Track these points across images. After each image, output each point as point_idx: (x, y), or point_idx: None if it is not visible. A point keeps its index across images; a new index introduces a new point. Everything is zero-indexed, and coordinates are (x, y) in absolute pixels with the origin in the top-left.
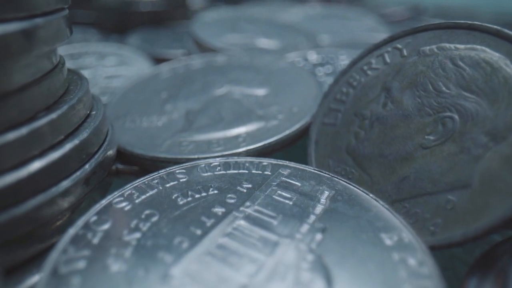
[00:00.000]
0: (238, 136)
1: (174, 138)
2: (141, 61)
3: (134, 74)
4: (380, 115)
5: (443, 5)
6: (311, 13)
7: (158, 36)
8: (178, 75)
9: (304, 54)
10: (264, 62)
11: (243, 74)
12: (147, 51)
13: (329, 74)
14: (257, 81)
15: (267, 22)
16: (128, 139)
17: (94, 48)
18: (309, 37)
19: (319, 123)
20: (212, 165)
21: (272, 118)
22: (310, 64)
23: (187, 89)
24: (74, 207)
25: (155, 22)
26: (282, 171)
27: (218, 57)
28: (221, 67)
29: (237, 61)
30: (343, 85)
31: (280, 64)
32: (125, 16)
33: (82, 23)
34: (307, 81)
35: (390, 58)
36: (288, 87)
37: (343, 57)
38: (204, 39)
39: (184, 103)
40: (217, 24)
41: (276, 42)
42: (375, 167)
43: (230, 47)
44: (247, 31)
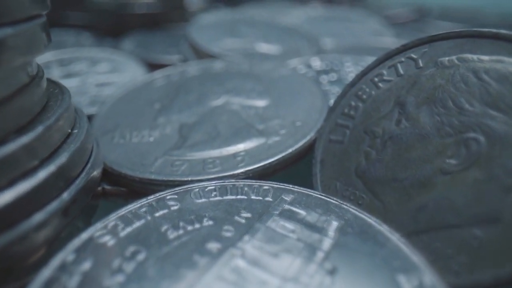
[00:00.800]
0: (236, 155)
1: (166, 156)
2: (135, 68)
3: (127, 81)
4: (393, 133)
5: (447, 6)
6: (313, 14)
7: (154, 40)
8: (172, 83)
9: (307, 60)
10: (265, 70)
11: (242, 83)
12: (141, 56)
13: (333, 82)
14: (257, 91)
15: (267, 25)
16: (116, 157)
17: (85, 53)
18: (311, 42)
19: (325, 140)
20: (207, 190)
21: (273, 134)
22: (314, 71)
23: (181, 100)
24: (51, 241)
25: (151, 24)
26: (285, 197)
27: (216, 64)
28: (219, 75)
29: (236, 69)
30: (352, 98)
31: (282, 72)
32: (119, 19)
33: (75, 25)
34: (311, 91)
35: (404, 69)
36: (290, 98)
37: (348, 64)
38: (201, 44)
39: (178, 116)
40: (215, 28)
41: (277, 47)
42: (389, 193)
43: (228, 52)
44: (246, 35)
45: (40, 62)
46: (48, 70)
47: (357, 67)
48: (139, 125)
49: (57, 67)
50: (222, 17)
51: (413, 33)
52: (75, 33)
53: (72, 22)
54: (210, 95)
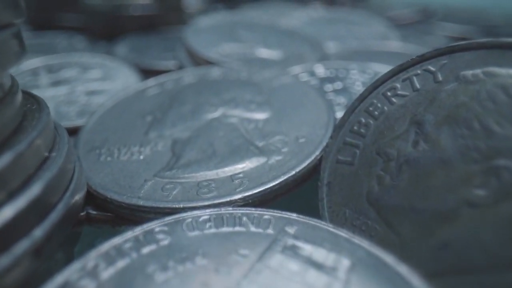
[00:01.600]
0: (234, 177)
1: (156, 178)
2: (128, 74)
3: (119, 89)
4: (410, 156)
5: (451, 7)
6: (314, 16)
7: (149, 43)
8: (166, 92)
9: (310, 67)
10: (265, 78)
11: (240, 93)
12: (135, 62)
13: (338, 91)
14: (257, 102)
15: (267, 29)
16: (102, 178)
17: (76, 58)
18: (314, 46)
19: (332, 160)
20: (201, 220)
21: (275, 152)
22: (317, 79)
23: (175, 112)
24: (22, 285)
25: (147, 27)
26: (288, 229)
27: (213, 71)
28: (216, 84)
29: (234, 76)
30: (361, 114)
31: (283, 80)
32: (113, 21)
33: (68, 27)
34: (315, 102)
35: (421, 83)
36: (292, 110)
37: (354, 71)
38: (197, 49)
39: (171, 130)
40: (212, 32)
41: (278, 52)
42: (406, 225)
43: (227, 59)
44: (245, 39)
45: (27, 68)
46: (36, 77)
47: (363, 74)
48: (129, 141)
49: (45, 74)
50: (220, 20)
51: (418, 35)
52: (68, 36)
53: (64, 24)
54: (206, 106)
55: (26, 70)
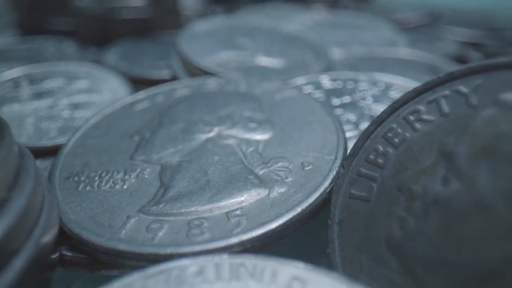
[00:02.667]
0: (231, 214)
1: (141, 214)
2: (117, 85)
3: (107, 101)
4: (439, 196)
5: (458, 10)
6: (317, 20)
7: (142, 50)
8: (157, 106)
9: (315, 78)
10: (266, 91)
11: (238, 109)
12: (125, 71)
13: (347, 106)
14: (257, 119)
15: (268, 34)
16: (79, 213)
17: (62, 67)
18: (319, 53)
19: (344, 194)
20: (191, 272)
21: (278, 183)
22: (323, 91)
23: (165, 132)
24: None
25: (140, 31)
26: (296, 285)
27: (208, 83)
28: (211, 98)
29: (232, 89)
30: (379, 140)
31: (286, 93)
32: (105, 25)
33: (57, 31)
34: (322, 120)
35: (450, 107)
36: (297, 130)
37: (364, 84)
38: (192, 57)
39: (159, 154)
40: (209, 38)
41: (279, 61)
42: (436, 281)
43: (223, 69)
44: (244, 47)
45: (8, 78)
46: (16, 88)
47: (373, 87)
48: (112, 166)
49: (27, 84)
50: (217, 25)
51: (427, 40)
52: (57, 41)
53: (55, 28)
54: (200, 125)
55: (6, 80)
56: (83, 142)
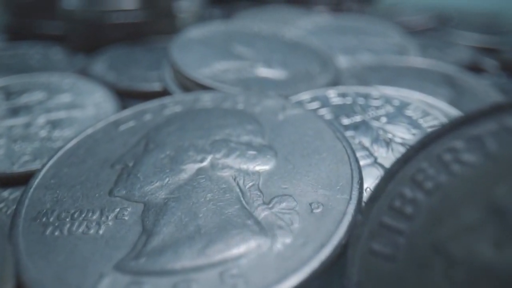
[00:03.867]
0: (225, 273)
1: (116, 273)
2: (102, 100)
3: (90, 118)
4: (489, 263)
5: (465, 12)
6: (321, 24)
7: (133, 58)
8: (144, 127)
9: (321, 93)
10: (267, 108)
11: (236, 131)
12: (113, 82)
13: (358, 126)
14: (257, 146)
15: (269, 41)
16: (42, 270)
17: (44, 78)
18: (324, 63)
19: (363, 249)
20: None
21: (282, 230)
22: (331, 108)
23: (151, 160)
24: None
25: (133, 37)
26: None
27: (202, 99)
28: (205, 117)
29: (228, 106)
30: (406, 183)
31: (289, 112)
32: (94, 30)
33: (47, 35)
34: (332, 147)
35: (499, 147)
36: (303, 158)
37: (377, 102)
38: (184, 69)
39: (143, 189)
40: (204, 47)
41: (281, 72)
42: None
43: (219, 82)
44: (243, 56)
45: None
46: None
47: (387, 104)
48: (88, 204)
49: (2, 99)
50: (213, 31)
51: (438, 46)
52: (43, 47)
53: (42, 32)
54: (192, 152)
55: None
56: (57, 171)
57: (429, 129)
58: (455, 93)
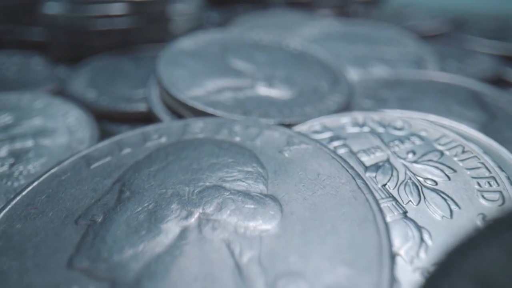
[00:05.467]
0: None
1: None
2: (78, 124)
3: (61, 148)
4: None
5: (477, 14)
6: (328, 31)
7: (119, 71)
8: (119, 165)
9: (333, 122)
10: (269, 143)
11: (230, 176)
12: (93, 101)
13: (379, 166)
14: (256, 195)
15: (271, 53)
16: None
17: (14, 98)
18: (335, 79)
19: None
20: None
21: None
22: (344, 140)
23: (125, 215)
24: None
25: (120, 46)
26: None
27: (192, 129)
28: (194, 155)
29: (223, 139)
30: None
31: (296, 148)
32: (78, 37)
33: (26, 42)
34: (351, 198)
35: None
36: (315, 217)
37: (401, 132)
38: (172, 88)
39: (111, 259)
40: (196, 61)
41: (285, 91)
42: None
43: (213, 107)
44: (241, 73)
45: None
46: None
47: (412, 137)
48: (39, 280)
49: None
50: (208, 41)
51: (456, 55)
52: (23, 57)
53: (21, 39)
54: (175, 204)
55: None
56: (7, 228)
57: (468, 170)
58: (487, 116)
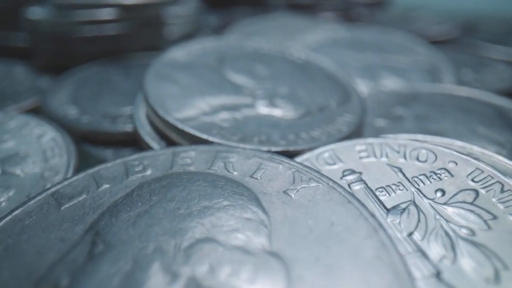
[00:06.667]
0: None
1: None
2: (52, 149)
3: (30, 180)
4: None
5: (484, 16)
6: (333, 37)
7: (105, 83)
8: (93, 207)
9: (345, 151)
10: (272, 181)
11: (225, 223)
12: (74, 119)
13: (403, 208)
14: (257, 251)
15: (272, 65)
16: None
17: None
18: (345, 94)
19: None
20: None
21: None
22: (360, 175)
23: (96, 279)
24: None
25: (110, 54)
26: None
27: (181, 160)
28: (182, 193)
29: (218, 174)
30: None
31: (304, 188)
32: (63, 45)
33: (10, 48)
34: (375, 258)
35: None
36: (331, 282)
37: (426, 165)
38: (160, 110)
39: None
40: (189, 75)
41: (289, 110)
42: None
43: (206, 134)
44: (239, 89)
45: None
46: None
47: (440, 171)
48: None
49: None
50: (203, 51)
51: (471, 64)
52: (5, 65)
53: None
54: (157, 264)
55: None
56: None
57: (510, 215)
58: None
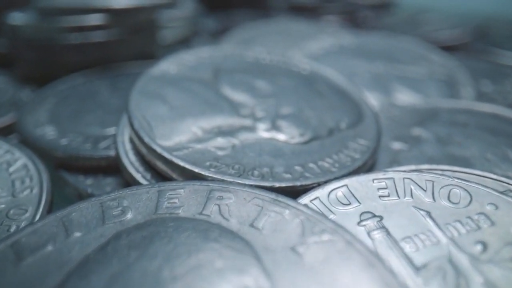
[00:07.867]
0: None
1: None
2: (22, 181)
3: None
4: None
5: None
6: (339, 44)
7: (90, 97)
8: (59, 264)
9: (362, 186)
10: (275, 232)
11: (219, 264)
12: (51, 140)
13: (436, 267)
14: None
15: (274, 78)
16: None
17: None
18: (358, 113)
19: None
20: None
21: None
22: (381, 220)
23: None
24: None
25: (98, 63)
26: None
27: (167, 203)
28: (165, 249)
29: (211, 225)
30: None
31: (313, 242)
32: (47, 53)
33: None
34: None
35: None
36: None
37: (458, 208)
38: (145, 137)
39: None
40: (180, 92)
41: (294, 135)
42: None
43: (198, 168)
44: (238, 108)
45: None
46: None
47: (477, 215)
48: None
49: None
50: (196, 62)
51: (489, 74)
52: None
53: None
54: None
55: None
56: None
57: None
58: None
